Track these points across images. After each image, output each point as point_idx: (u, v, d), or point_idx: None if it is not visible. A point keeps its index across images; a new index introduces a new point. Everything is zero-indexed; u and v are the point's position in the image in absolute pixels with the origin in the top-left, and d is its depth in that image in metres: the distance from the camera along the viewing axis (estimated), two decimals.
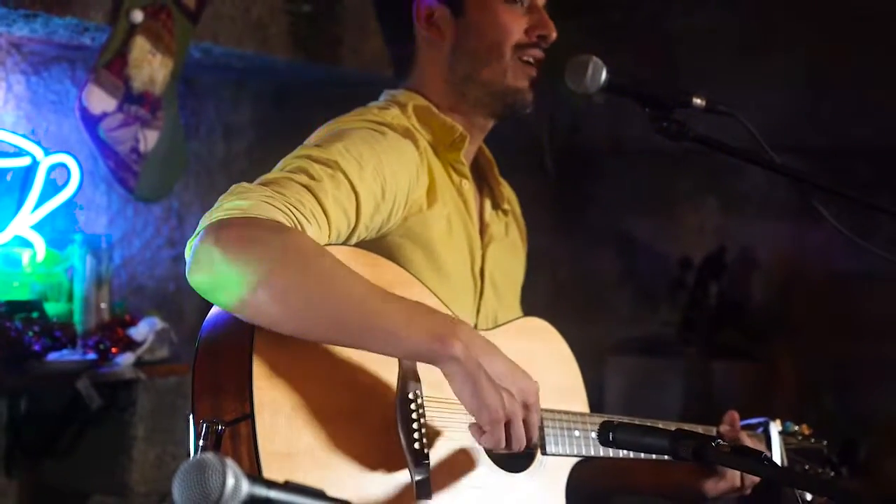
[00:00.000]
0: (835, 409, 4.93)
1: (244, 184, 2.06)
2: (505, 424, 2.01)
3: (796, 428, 2.81)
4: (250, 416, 1.89)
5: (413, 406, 2.05)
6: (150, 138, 3.52)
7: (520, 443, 2.05)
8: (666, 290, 5.18)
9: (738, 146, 2.38)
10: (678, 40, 5.05)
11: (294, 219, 2.00)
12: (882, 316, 4.84)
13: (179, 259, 4.19)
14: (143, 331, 3.52)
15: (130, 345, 3.49)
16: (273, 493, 1.32)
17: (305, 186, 2.06)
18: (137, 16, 3.41)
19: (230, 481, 1.30)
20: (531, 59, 2.47)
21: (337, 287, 1.94)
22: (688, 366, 4.96)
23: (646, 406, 5.11)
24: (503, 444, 2.03)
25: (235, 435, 1.90)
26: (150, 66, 3.46)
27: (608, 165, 5.37)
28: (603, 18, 5.04)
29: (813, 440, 2.81)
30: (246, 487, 1.30)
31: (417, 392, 2.06)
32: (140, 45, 3.43)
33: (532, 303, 2.75)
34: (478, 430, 2.02)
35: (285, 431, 1.92)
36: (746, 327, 5.11)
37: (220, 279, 1.91)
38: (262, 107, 4.54)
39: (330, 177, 2.10)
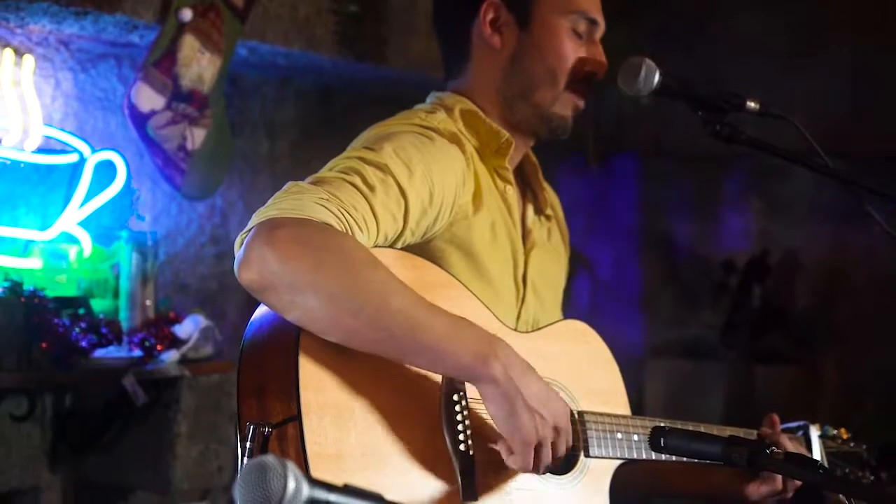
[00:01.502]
0: (877, 415, 4.89)
1: (299, 183, 2.05)
2: (535, 447, 2.02)
3: (835, 432, 2.80)
4: (297, 418, 1.89)
5: (458, 408, 2.05)
6: (197, 136, 3.54)
7: (546, 465, 2.05)
8: (708, 293, 5.17)
9: (781, 146, 2.36)
10: (722, 43, 5.03)
11: (346, 223, 1.99)
12: None
13: (223, 257, 4.20)
14: (187, 328, 3.53)
15: (175, 342, 3.50)
16: (333, 497, 1.32)
17: (358, 189, 2.06)
18: (187, 14, 3.42)
19: (291, 484, 1.30)
20: (580, 93, 2.48)
21: (385, 299, 1.93)
22: (729, 369, 4.96)
23: (686, 409, 5.10)
24: (531, 466, 2.03)
25: (283, 437, 1.90)
26: (199, 65, 3.48)
27: (652, 167, 5.36)
28: (647, 21, 5.02)
29: (852, 444, 2.80)
30: (307, 491, 1.30)
31: (462, 393, 2.06)
32: (189, 43, 3.44)
33: (573, 303, 2.75)
34: (506, 449, 2.02)
35: (332, 433, 1.92)
36: (789, 331, 5.09)
37: (270, 279, 1.90)
38: (306, 105, 4.54)
39: (381, 181, 2.10)
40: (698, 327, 5.18)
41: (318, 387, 1.92)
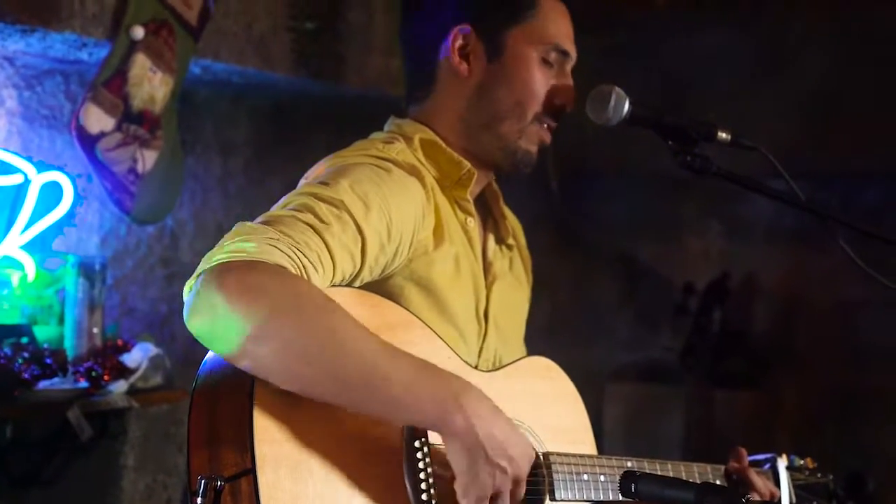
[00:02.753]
0: (837, 440, 4.89)
1: (248, 223, 1.98)
2: (491, 498, 1.97)
3: (801, 462, 2.79)
4: (252, 471, 1.83)
5: (420, 455, 2.00)
6: (148, 158, 3.43)
7: None
8: (668, 316, 5.13)
9: (751, 176, 2.35)
10: (684, 62, 4.99)
11: (300, 264, 1.93)
12: (887, 346, 4.84)
13: (173, 279, 4.12)
14: (136, 357, 3.43)
15: (123, 371, 3.40)
16: None
17: (312, 227, 1.99)
18: (138, 32, 3.31)
19: None
20: (547, 126, 2.43)
21: (341, 347, 1.87)
22: (689, 393, 4.92)
23: (645, 434, 5.08)
24: None
25: (236, 491, 1.84)
26: (151, 84, 3.37)
27: (612, 187, 5.32)
28: (606, 37, 4.97)
29: (819, 475, 2.78)
30: None
31: (424, 439, 2.01)
32: (140, 62, 3.34)
33: (531, 326, 2.71)
34: (462, 498, 1.97)
35: (289, 486, 1.86)
36: (749, 355, 5.07)
37: (220, 327, 1.84)
38: (259, 123, 4.46)
39: (336, 217, 2.03)
40: (657, 350, 5.14)
41: (273, 438, 1.86)
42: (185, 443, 1.91)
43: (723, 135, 2.33)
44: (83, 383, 3.31)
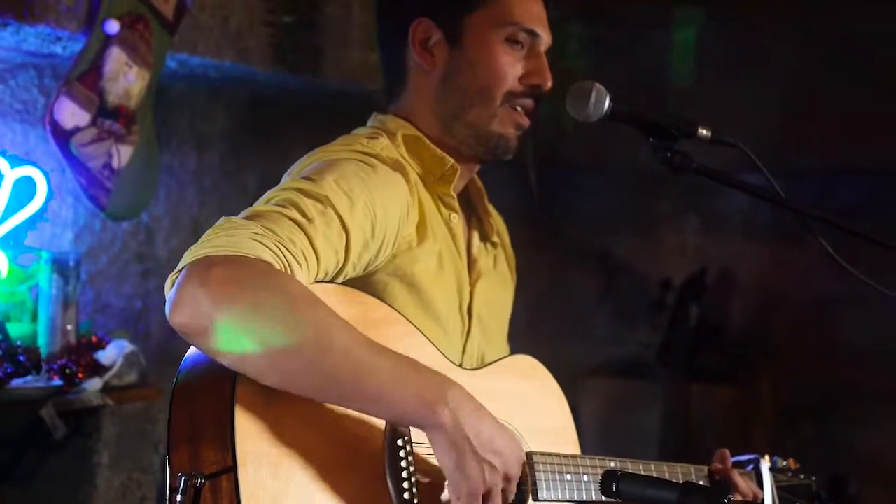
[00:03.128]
0: (814, 436, 4.91)
1: (233, 218, 1.96)
2: (483, 496, 1.95)
3: (784, 463, 2.78)
4: (233, 469, 1.81)
5: (402, 453, 1.99)
6: (123, 154, 3.38)
7: None
8: (645, 311, 5.14)
9: (729, 171, 2.34)
10: (661, 54, 4.99)
11: (284, 260, 1.91)
12: (863, 341, 4.86)
13: (148, 275, 4.08)
14: (111, 354, 3.39)
15: (98, 369, 3.36)
16: None
17: (297, 223, 1.97)
18: (113, 26, 3.26)
19: None
20: (522, 108, 2.39)
21: (326, 342, 1.85)
22: (666, 388, 4.92)
23: (622, 429, 5.08)
24: None
25: (216, 488, 1.82)
26: (126, 79, 3.32)
27: (590, 182, 5.33)
28: (585, 30, 4.97)
29: (801, 476, 2.77)
30: None
31: (407, 438, 2.00)
32: (116, 56, 3.29)
33: (510, 321, 2.69)
34: (454, 497, 1.94)
35: (270, 485, 1.84)
36: (726, 350, 5.07)
37: (204, 322, 1.81)
38: (236, 116, 4.42)
39: (321, 213, 2.01)
40: (634, 346, 5.15)
41: (254, 436, 1.84)
42: (161, 441, 1.90)
43: (703, 131, 2.32)
44: (57, 381, 3.27)
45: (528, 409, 2.37)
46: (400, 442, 1.98)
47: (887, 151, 4.70)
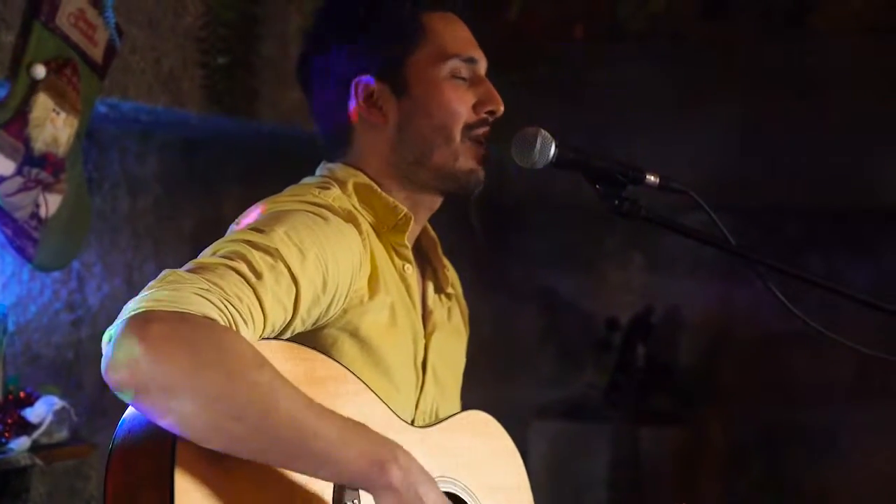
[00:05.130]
0: (764, 477, 4.89)
1: (176, 271, 1.87)
2: None
3: None
4: None
5: None
6: (51, 203, 3.26)
7: None
8: (591, 351, 5.10)
9: (678, 219, 2.30)
10: (607, 95, 4.95)
11: (229, 316, 1.83)
12: (812, 380, 4.87)
13: (79, 324, 3.96)
14: (39, 412, 3.26)
15: (26, 427, 3.23)
16: None
17: (244, 278, 1.89)
18: (40, 71, 3.15)
19: None
20: (481, 139, 2.32)
21: (271, 403, 1.78)
22: (614, 431, 4.87)
23: (570, 472, 5.02)
24: None
25: None
26: (54, 126, 3.21)
27: (532, 220, 5.27)
28: (529, 71, 4.92)
29: None
30: None
31: (355, 502, 1.95)
32: (42, 102, 3.17)
33: None
34: None
35: None
36: (674, 391, 5.04)
37: (142, 381, 1.74)
38: (169, 159, 4.32)
39: (270, 267, 1.94)
40: (581, 387, 5.09)
41: (197, 501, 1.77)
42: (93, 499, 1.79)
43: (651, 178, 2.28)
44: None
45: (482, 466, 2.33)
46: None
47: (829, 189, 4.72)
